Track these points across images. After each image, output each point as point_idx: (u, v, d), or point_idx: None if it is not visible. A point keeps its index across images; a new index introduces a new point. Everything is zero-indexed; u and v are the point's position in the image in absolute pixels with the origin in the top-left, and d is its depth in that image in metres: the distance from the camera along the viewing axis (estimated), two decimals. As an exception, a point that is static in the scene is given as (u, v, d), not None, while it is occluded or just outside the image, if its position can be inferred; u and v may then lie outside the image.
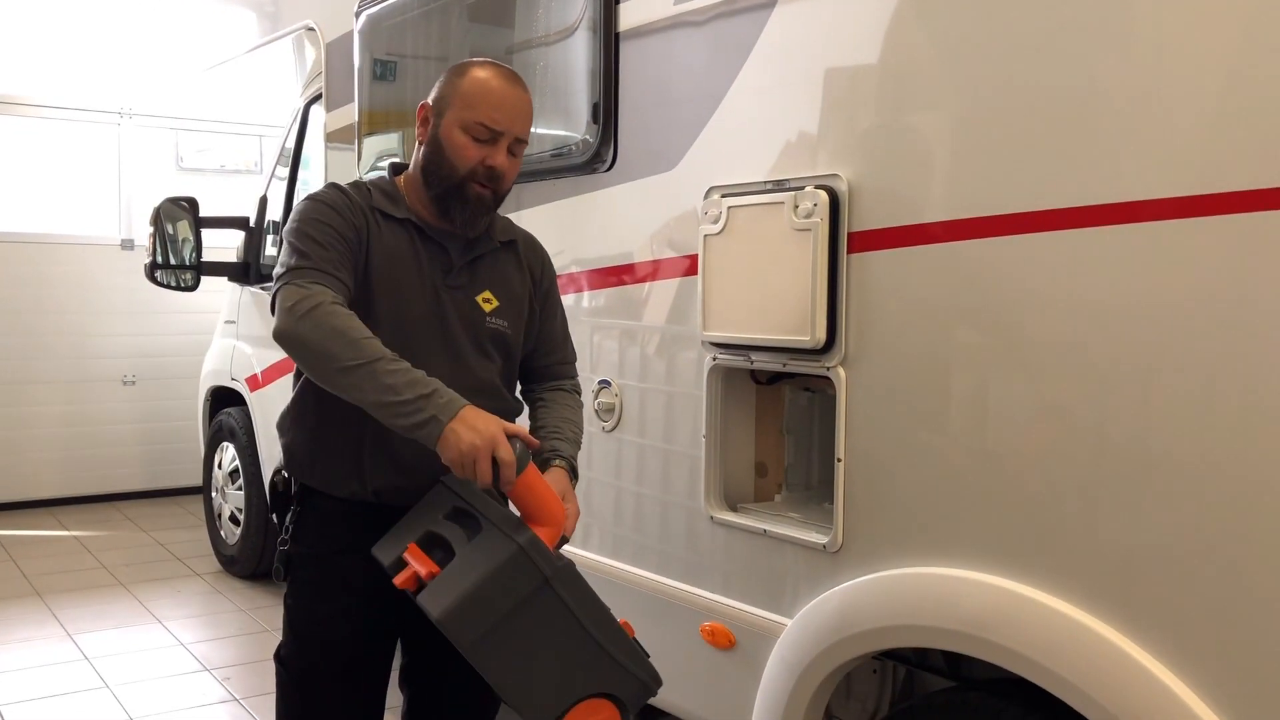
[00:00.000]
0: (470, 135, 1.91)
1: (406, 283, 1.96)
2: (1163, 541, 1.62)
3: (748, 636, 2.31)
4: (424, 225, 2.00)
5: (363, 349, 1.73)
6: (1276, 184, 1.49)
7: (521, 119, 1.95)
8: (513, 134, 1.94)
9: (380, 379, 1.71)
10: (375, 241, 1.95)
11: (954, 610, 1.88)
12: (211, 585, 5.33)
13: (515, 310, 2.09)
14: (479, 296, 2.03)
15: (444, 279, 2.00)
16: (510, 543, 1.73)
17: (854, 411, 2.08)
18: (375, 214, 1.97)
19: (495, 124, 1.91)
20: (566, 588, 1.77)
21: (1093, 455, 1.71)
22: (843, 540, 2.10)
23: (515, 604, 1.72)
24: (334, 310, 1.77)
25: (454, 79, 1.97)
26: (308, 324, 1.74)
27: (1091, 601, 1.71)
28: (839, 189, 2.07)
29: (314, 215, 1.91)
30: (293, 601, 2.08)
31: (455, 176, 1.93)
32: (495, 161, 1.92)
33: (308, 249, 1.85)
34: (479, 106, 1.91)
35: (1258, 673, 1.54)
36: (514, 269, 2.11)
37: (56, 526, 6.46)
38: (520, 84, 1.98)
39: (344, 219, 1.91)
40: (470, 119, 1.91)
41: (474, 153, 1.92)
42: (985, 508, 1.86)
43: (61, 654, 4.34)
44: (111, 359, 7.03)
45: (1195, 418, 1.59)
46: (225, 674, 4.13)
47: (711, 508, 2.42)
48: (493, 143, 1.92)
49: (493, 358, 2.06)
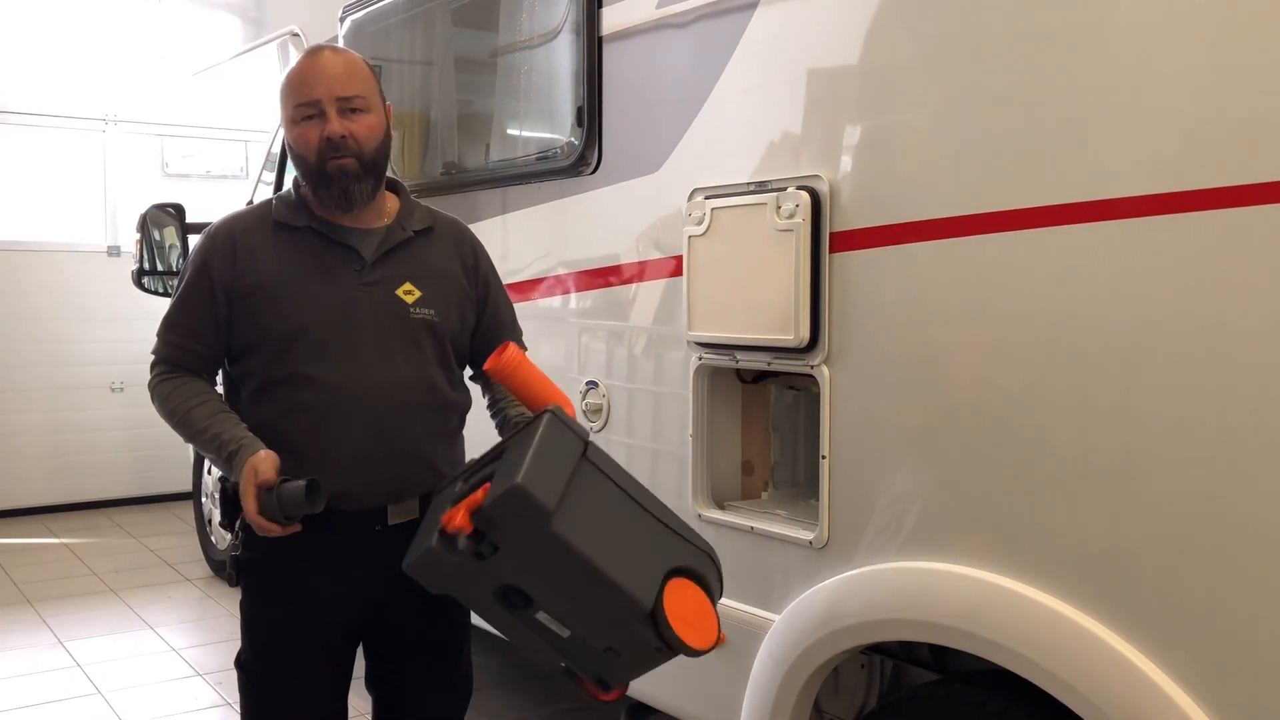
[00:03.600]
0: (299, 122, 1.95)
1: (310, 291, 1.98)
2: (1145, 535, 1.65)
3: (736, 633, 2.33)
4: (325, 229, 2.01)
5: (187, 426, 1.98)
6: (1257, 180, 1.51)
7: (332, 80, 1.95)
8: (332, 96, 1.94)
9: (203, 447, 1.97)
10: (266, 261, 1.99)
11: (938, 604, 1.90)
12: (202, 590, 5.33)
13: (441, 297, 2.07)
14: (399, 290, 2.03)
15: (358, 278, 2.01)
16: (540, 417, 1.75)
17: (838, 409, 2.11)
18: (273, 230, 2.01)
19: (309, 98, 1.94)
20: (600, 458, 1.78)
21: (1075, 450, 1.73)
22: (828, 536, 2.13)
23: (569, 474, 1.70)
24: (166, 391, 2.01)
25: (280, 88, 2.02)
26: (158, 407, 2.02)
27: (1074, 594, 1.73)
28: (820, 190, 2.10)
29: (189, 267, 2.04)
30: (247, 607, 2.10)
31: (310, 163, 1.96)
32: (330, 131, 1.93)
33: (170, 317, 2.04)
34: (290, 95, 1.97)
35: (1239, 663, 1.56)
36: (436, 255, 2.10)
37: (46, 534, 6.45)
38: (325, 52, 2.00)
39: (215, 263, 2.00)
40: (290, 111, 1.97)
41: (311, 133, 1.94)
42: (969, 503, 1.88)
43: (53, 661, 4.33)
44: (99, 366, 7.02)
45: (1179, 413, 1.61)
46: (217, 679, 4.14)
47: (699, 506, 2.44)
48: (321, 116, 1.94)
49: (423, 349, 2.05)
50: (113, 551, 6.06)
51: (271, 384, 1.99)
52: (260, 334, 1.98)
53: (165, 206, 5.05)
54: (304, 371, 1.95)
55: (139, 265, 5.08)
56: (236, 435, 1.92)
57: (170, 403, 1.98)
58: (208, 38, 5.69)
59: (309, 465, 1.93)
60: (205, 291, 1.99)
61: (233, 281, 1.98)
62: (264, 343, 1.98)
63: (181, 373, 2.01)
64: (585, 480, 1.73)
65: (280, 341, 1.97)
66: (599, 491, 1.75)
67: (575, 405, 2.74)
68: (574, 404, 2.05)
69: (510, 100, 3.10)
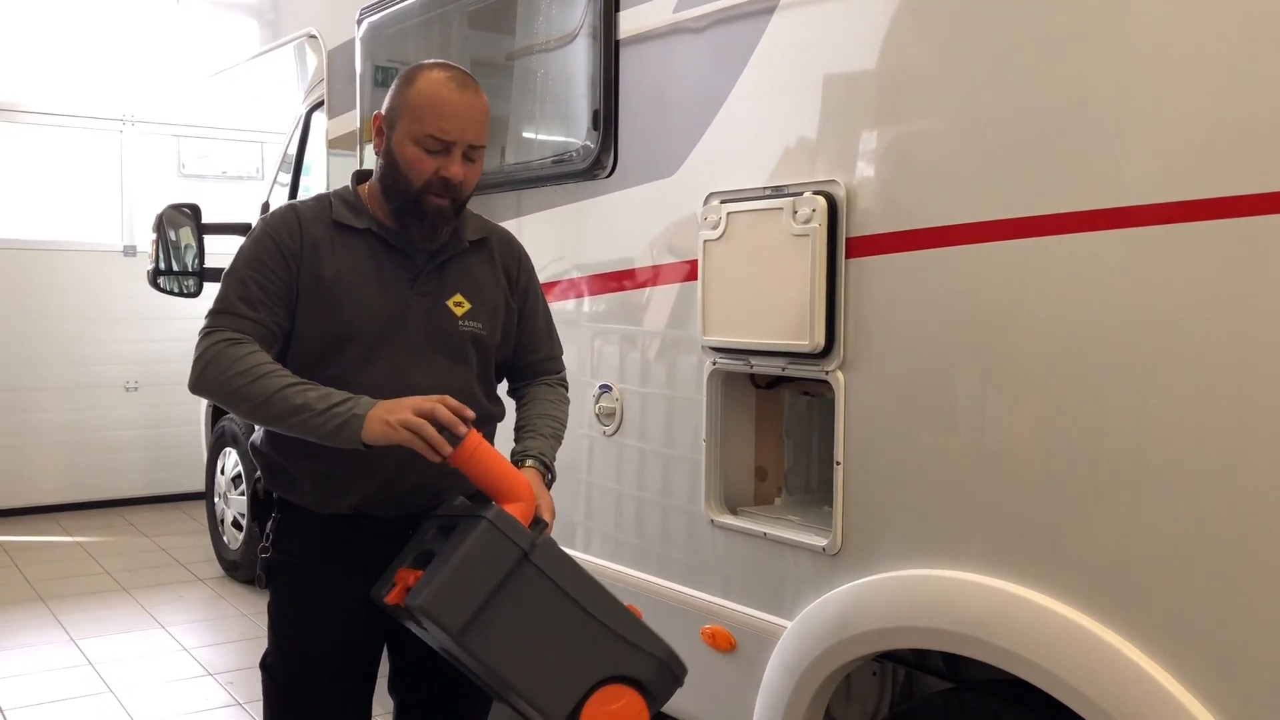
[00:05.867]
0: (422, 148, 1.87)
1: (367, 295, 1.94)
2: (1159, 544, 1.64)
3: (748, 639, 2.32)
4: (386, 234, 1.97)
5: (264, 385, 1.81)
6: (1270, 189, 1.51)
7: (473, 126, 1.90)
8: (465, 142, 1.89)
9: (291, 402, 1.80)
10: (327, 258, 1.93)
11: (952, 612, 1.89)
12: (214, 590, 5.34)
13: (489, 311, 2.05)
14: (450, 300, 2.00)
15: (411, 286, 1.97)
16: (478, 520, 1.72)
17: (852, 415, 2.10)
18: (332, 228, 1.95)
19: (445, 134, 1.87)
20: (547, 560, 1.73)
21: (1090, 458, 1.72)
22: (842, 543, 2.12)
23: (497, 584, 1.68)
24: (230, 355, 1.83)
25: (403, 89, 1.91)
26: (209, 376, 1.85)
27: (1088, 603, 1.72)
28: (837, 195, 2.09)
29: (248, 252, 1.93)
30: (275, 610, 2.08)
31: (411, 190, 1.89)
32: (450, 173, 1.88)
33: (229, 291, 1.90)
34: (427, 118, 1.86)
35: (1254, 673, 1.55)
36: (486, 268, 2.07)
37: (60, 532, 6.47)
38: (470, 87, 1.92)
39: (279, 251, 1.91)
40: (420, 131, 1.87)
41: (428, 164, 1.88)
42: (983, 510, 1.87)
43: (65, 659, 4.35)
44: (114, 365, 7.05)
45: (1193, 422, 1.60)
46: (228, 679, 4.14)
47: (712, 511, 2.43)
48: (446, 153, 1.88)
49: (468, 361, 2.03)
50: (126, 550, 6.08)
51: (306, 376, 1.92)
52: (311, 331, 1.93)
53: (181, 207, 5.08)
54: (351, 377, 1.90)
55: (155, 265, 5.11)
56: (341, 391, 1.82)
57: (233, 366, 1.82)
58: (225, 39, 5.72)
59: (345, 469, 1.93)
60: (277, 262, 1.91)
61: (298, 266, 1.92)
62: (313, 340, 1.93)
63: (247, 339, 1.87)
64: (519, 586, 1.71)
65: (331, 342, 1.93)
66: (534, 596, 1.72)
67: (588, 410, 2.74)
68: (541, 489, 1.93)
69: (527, 103, 3.10)
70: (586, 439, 2.74)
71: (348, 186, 2.03)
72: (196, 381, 1.88)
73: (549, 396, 2.17)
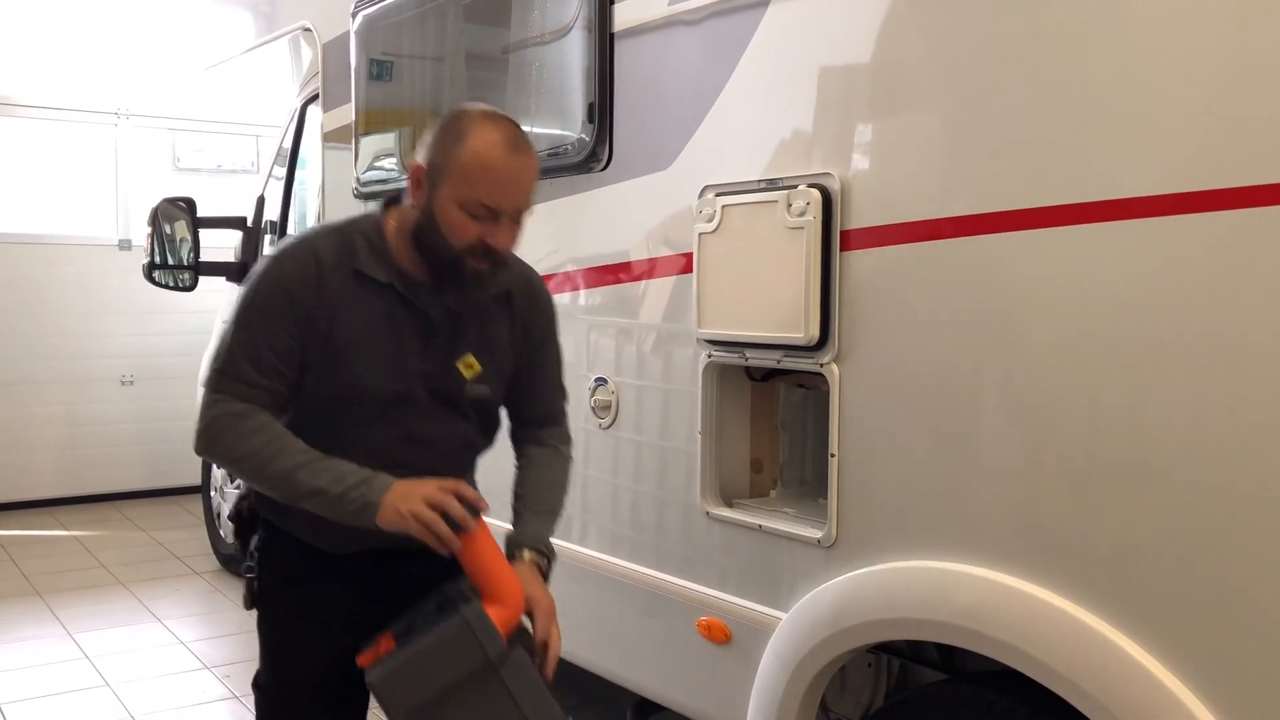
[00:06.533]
0: (467, 213, 1.75)
1: (378, 361, 1.86)
2: (1154, 536, 1.64)
3: (743, 631, 2.33)
4: (406, 288, 1.86)
5: (276, 465, 1.76)
6: (1268, 180, 1.51)
7: (525, 193, 1.79)
8: (514, 210, 1.79)
9: (304, 485, 1.75)
10: (344, 317, 1.83)
11: (946, 603, 1.90)
12: (211, 584, 5.35)
13: (498, 371, 1.98)
14: (460, 362, 1.92)
15: (424, 346, 1.89)
16: (455, 615, 1.69)
17: (847, 407, 2.10)
18: (352, 278, 1.83)
19: (496, 204, 1.75)
20: (514, 678, 1.70)
21: (1085, 450, 1.72)
22: (837, 535, 2.12)
23: (455, 683, 1.67)
24: (238, 431, 1.77)
25: (450, 146, 1.77)
26: (218, 449, 1.80)
27: (1082, 595, 1.73)
28: (832, 187, 2.09)
29: (259, 303, 1.82)
30: (265, 630, 2.04)
31: (451, 253, 1.78)
32: (495, 240, 1.77)
33: (237, 349, 1.80)
34: (478, 184, 1.74)
35: (1248, 665, 1.55)
36: (504, 324, 1.97)
37: (56, 526, 6.47)
38: (523, 149, 1.79)
39: (293, 308, 1.80)
40: (468, 197, 1.74)
41: (472, 230, 1.76)
42: (978, 502, 1.88)
43: (62, 653, 4.35)
44: (110, 359, 7.05)
45: (1187, 414, 1.61)
46: (225, 671, 4.15)
47: (707, 504, 2.44)
48: (492, 220, 1.76)
49: (470, 419, 1.97)
50: (122, 544, 6.08)
51: (308, 427, 1.85)
52: (316, 389, 1.85)
53: (176, 200, 5.08)
54: (349, 432, 1.86)
55: (150, 259, 5.10)
56: (355, 468, 1.77)
57: (243, 441, 1.76)
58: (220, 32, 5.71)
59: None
60: (290, 321, 1.80)
61: (312, 325, 1.81)
62: (318, 397, 1.86)
63: (255, 409, 1.79)
64: (478, 693, 1.68)
65: (336, 404, 1.86)
66: (490, 709, 1.69)
67: (584, 402, 2.74)
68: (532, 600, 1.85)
69: (521, 96, 3.10)
70: (582, 432, 2.75)
71: (375, 220, 1.90)
72: (205, 450, 1.82)
73: (550, 460, 2.09)
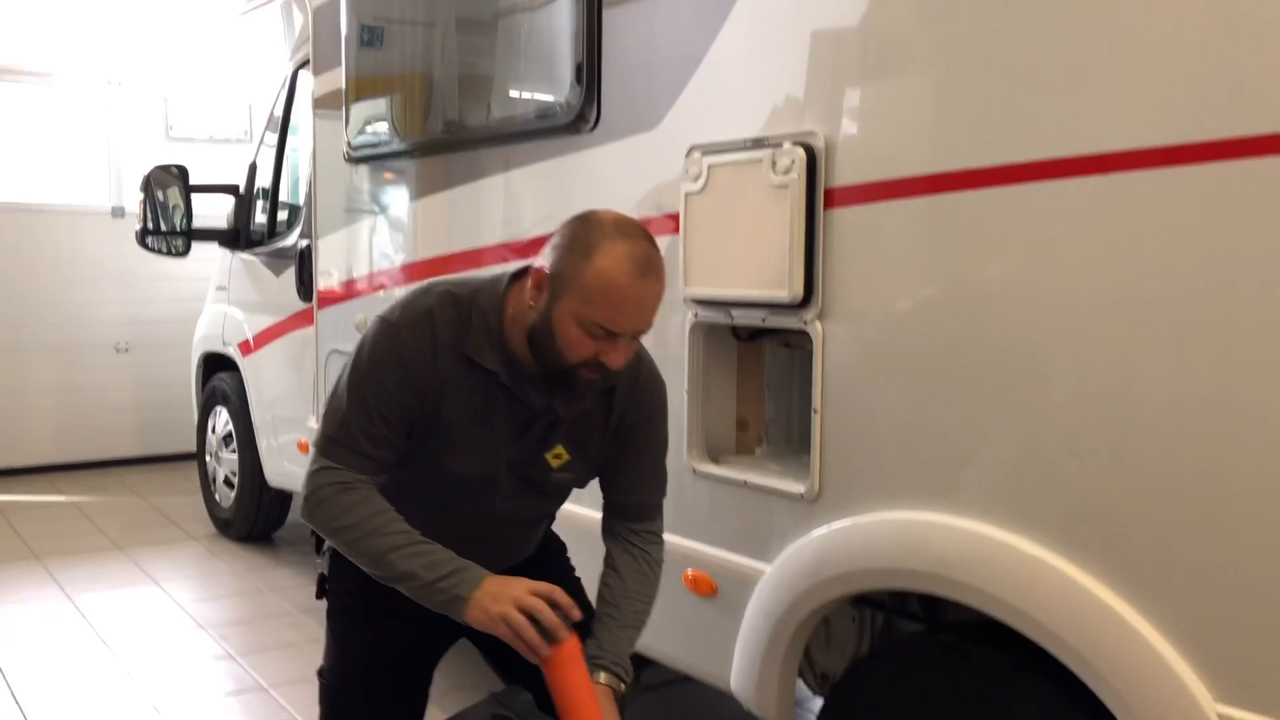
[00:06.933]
0: (586, 331, 1.71)
1: (472, 444, 1.86)
2: (1135, 488, 1.67)
3: (729, 583, 2.37)
4: (511, 379, 1.84)
5: (372, 544, 1.77)
6: (1254, 132, 1.51)
7: (646, 316, 1.75)
8: (634, 332, 1.76)
9: (397, 568, 1.76)
10: (450, 398, 1.82)
11: (923, 552, 1.94)
12: (207, 548, 5.40)
13: (588, 461, 1.97)
14: (549, 453, 1.91)
15: (518, 437, 1.88)
16: None
17: (830, 364, 2.13)
18: (463, 362, 1.82)
19: (617, 327, 1.72)
20: None
21: (1066, 404, 1.75)
22: (819, 489, 2.16)
23: None
24: (339, 505, 1.78)
25: (578, 259, 1.71)
26: (318, 518, 1.81)
27: (1060, 544, 1.76)
28: (816, 146, 2.12)
29: (376, 370, 1.81)
30: (332, 620, 2.09)
31: (564, 364, 1.75)
32: (610, 360, 1.74)
33: (350, 417, 1.80)
34: (600, 306, 1.69)
35: (1226, 615, 1.58)
36: (600, 418, 1.93)
37: (53, 492, 6.52)
38: (653, 272, 1.73)
39: (409, 383, 1.80)
40: (589, 317, 1.70)
41: (588, 348, 1.73)
42: (958, 455, 1.91)
43: (60, 613, 4.40)
44: (104, 326, 7.07)
45: (1170, 368, 1.63)
46: (222, 632, 4.20)
47: (694, 461, 2.47)
48: (610, 340, 1.73)
49: (552, 499, 2.02)
50: (119, 510, 6.13)
51: (392, 489, 1.86)
52: (410, 458, 1.86)
53: (169, 167, 5.10)
54: (431, 502, 1.89)
55: (143, 225, 5.12)
56: (450, 554, 1.77)
57: (346, 513, 1.77)
58: None
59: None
60: (405, 395, 1.80)
61: (421, 401, 1.81)
62: (409, 465, 1.87)
63: (361, 481, 1.80)
64: None
65: (425, 477, 1.88)
66: None
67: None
68: None
69: (510, 58, 3.10)
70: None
71: (498, 299, 1.84)
72: (308, 516, 1.84)
73: (640, 569, 2.00)
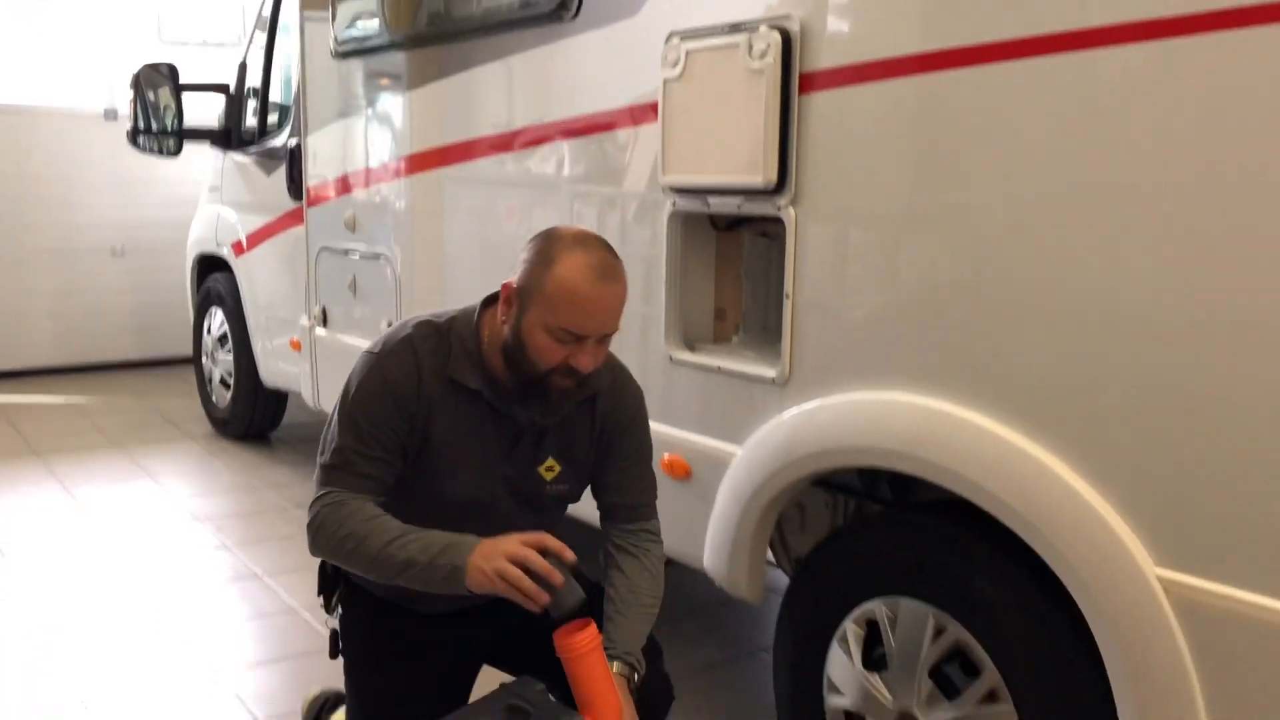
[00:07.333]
0: (553, 338, 1.78)
1: (463, 464, 1.90)
2: (1086, 366, 1.71)
3: (703, 466, 2.43)
4: (495, 397, 1.90)
5: (369, 546, 1.79)
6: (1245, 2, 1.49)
7: (611, 318, 1.81)
8: (600, 334, 1.81)
9: (396, 559, 1.78)
10: (437, 421, 1.87)
11: (888, 430, 1.99)
12: (205, 447, 5.48)
13: (578, 471, 2.01)
14: (541, 467, 1.96)
15: (509, 453, 1.93)
16: None
17: (802, 248, 2.16)
18: (447, 385, 1.87)
19: (581, 330, 1.78)
20: None
21: (1026, 286, 1.78)
22: (790, 372, 2.21)
23: None
24: (335, 519, 1.82)
25: (539, 269, 1.78)
26: (320, 542, 1.84)
27: (1011, 417, 1.80)
28: (791, 29, 2.11)
29: (364, 398, 1.87)
30: (350, 678, 2.09)
31: (536, 373, 1.82)
32: (579, 363, 1.80)
33: (345, 444, 1.86)
34: (562, 311, 1.76)
35: (1180, 495, 1.62)
36: (585, 426, 1.98)
37: (53, 393, 6.60)
38: (611, 275, 1.79)
39: (397, 409, 1.85)
40: (553, 323, 1.77)
41: (557, 354, 1.79)
42: (923, 336, 1.95)
43: (60, 504, 4.50)
44: (99, 230, 7.08)
45: (1141, 251, 1.64)
46: (219, 524, 4.30)
47: (671, 348, 2.51)
48: (577, 343, 1.79)
49: (549, 514, 2.03)
50: (118, 410, 6.21)
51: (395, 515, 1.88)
52: (405, 482, 1.91)
53: (158, 66, 5.06)
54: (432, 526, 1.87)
55: (134, 124, 5.10)
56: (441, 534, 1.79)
57: (342, 527, 1.81)
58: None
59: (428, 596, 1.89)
60: (395, 420, 1.85)
61: (411, 424, 1.87)
62: (405, 490, 1.91)
63: (356, 497, 1.84)
64: None
65: (419, 499, 1.91)
66: None
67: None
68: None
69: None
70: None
71: (473, 323, 1.92)
72: (313, 546, 1.87)
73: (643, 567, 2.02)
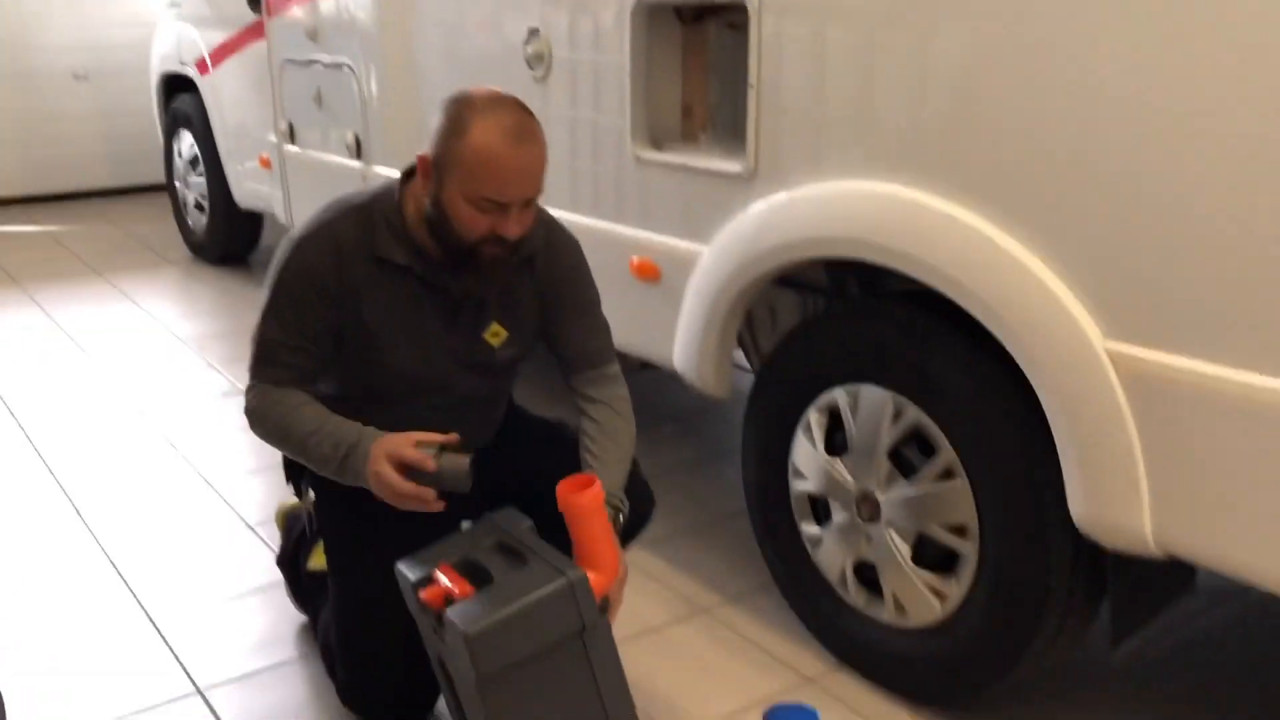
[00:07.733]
0: (476, 207, 1.74)
1: (404, 342, 1.89)
2: (1038, 144, 1.69)
3: (672, 267, 2.43)
4: (426, 271, 1.87)
5: (293, 435, 1.84)
6: None
7: (532, 182, 1.77)
8: (522, 199, 1.77)
9: (314, 452, 1.83)
10: (368, 303, 1.86)
11: (848, 219, 1.98)
12: (184, 271, 5.48)
13: (526, 332, 1.99)
14: (486, 333, 1.94)
15: (449, 324, 1.91)
16: (559, 576, 1.65)
17: (766, 37, 2.10)
18: (373, 264, 1.85)
19: (502, 197, 1.73)
20: (597, 647, 1.70)
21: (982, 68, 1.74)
22: (755, 165, 2.18)
23: (545, 646, 1.64)
24: (264, 409, 1.86)
25: (452, 138, 1.73)
26: (257, 431, 1.89)
27: (965, 197, 1.79)
28: None
29: (285, 290, 1.85)
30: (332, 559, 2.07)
31: (464, 244, 1.79)
32: (506, 231, 1.77)
33: (268, 335, 1.87)
34: (482, 180, 1.72)
35: (1113, 255, 1.62)
36: (526, 287, 1.96)
37: (27, 222, 6.54)
38: (527, 138, 1.74)
39: (318, 297, 1.83)
40: (475, 192, 1.73)
41: (482, 223, 1.76)
42: (889, 126, 1.92)
43: (40, 325, 4.53)
44: (58, 52, 6.85)
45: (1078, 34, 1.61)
46: (200, 344, 4.34)
47: (637, 148, 2.48)
48: (501, 211, 1.75)
49: (504, 377, 2.02)
50: (95, 237, 6.17)
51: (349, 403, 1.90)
52: (350, 371, 1.91)
53: None
54: (388, 406, 1.91)
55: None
56: (353, 428, 1.81)
57: (270, 418, 1.85)
58: None
59: None
60: (316, 308, 1.85)
61: (338, 310, 1.85)
62: (353, 377, 1.91)
63: (286, 389, 1.87)
64: (561, 659, 1.66)
65: (369, 383, 1.91)
66: (569, 676, 1.67)
67: (519, 55, 2.73)
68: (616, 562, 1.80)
69: None
70: (518, 85, 2.75)
71: (394, 198, 1.88)
72: (256, 433, 1.90)
73: (609, 410, 2.01)
